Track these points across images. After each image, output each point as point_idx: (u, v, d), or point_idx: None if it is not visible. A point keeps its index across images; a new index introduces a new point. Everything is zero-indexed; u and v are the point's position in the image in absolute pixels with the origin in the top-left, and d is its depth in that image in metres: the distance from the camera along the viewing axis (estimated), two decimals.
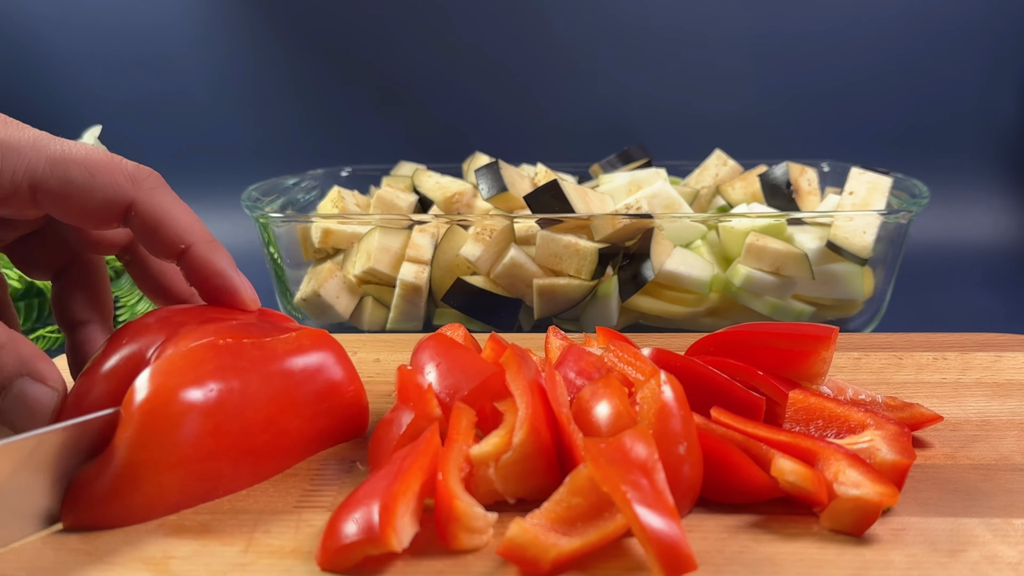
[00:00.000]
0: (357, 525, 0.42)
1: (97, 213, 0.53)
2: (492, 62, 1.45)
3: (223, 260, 0.55)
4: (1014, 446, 0.55)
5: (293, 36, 1.47)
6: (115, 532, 0.46)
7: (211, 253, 0.55)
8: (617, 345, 0.57)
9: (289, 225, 0.93)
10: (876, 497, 0.44)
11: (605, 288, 0.86)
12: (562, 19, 1.43)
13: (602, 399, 0.50)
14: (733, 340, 0.60)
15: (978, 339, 0.74)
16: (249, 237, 1.30)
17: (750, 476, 0.47)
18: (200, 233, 0.55)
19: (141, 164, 0.56)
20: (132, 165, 0.54)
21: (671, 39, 1.43)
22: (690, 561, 0.39)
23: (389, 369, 0.71)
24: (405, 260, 0.89)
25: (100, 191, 0.52)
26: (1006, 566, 0.42)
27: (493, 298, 0.87)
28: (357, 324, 0.93)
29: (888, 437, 0.50)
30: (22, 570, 0.43)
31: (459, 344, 0.59)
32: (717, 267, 0.89)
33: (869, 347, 0.73)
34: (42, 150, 0.51)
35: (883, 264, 0.89)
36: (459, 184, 1.00)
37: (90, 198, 0.52)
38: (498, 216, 0.88)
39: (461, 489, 0.45)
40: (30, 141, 0.51)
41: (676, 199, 0.93)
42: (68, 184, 0.51)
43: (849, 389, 0.58)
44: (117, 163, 0.53)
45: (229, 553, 0.44)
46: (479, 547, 0.44)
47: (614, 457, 0.43)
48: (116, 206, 0.53)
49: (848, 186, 0.91)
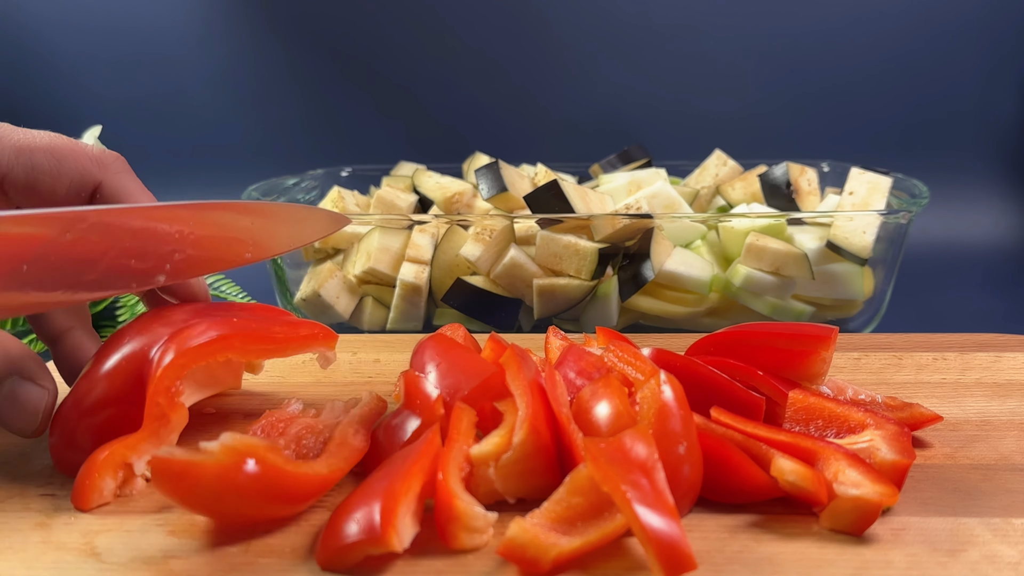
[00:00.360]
0: (358, 525, 0.42)
1: (66, 197, 0.53)
2: (492, 62, 1.45)
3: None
4: (1014, 446, 0.55)
5: (293, 36, 1.47)
6: (115, 532, 0.47)
7: None
8: (617, 345, 0.57)
9: None
10: (876, 497, 0.44)
11: (605, 288, 0.86)
12: (562, 19, 1.43)
13: (602, 399, 0.50)
14: (733, 340, 0.60)
15: (978, 339, 0.74)
16: None
17: (750, 476, 0.47)
18: None
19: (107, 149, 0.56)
20: (97, 150, 0.55)
21: (671, 39, 1.43)
22: (690, 561, 0.39)
23: (389, 369, 0.71)
24: (405, 260, 0.89)
25: (67, 176, 0.53)
26: (1006, 566, 0.42)
27: (493, 298, 0.87)
28: (357, 324, 0.93)
29: (888, 437, 0.50)
30: (22, 570, 0.43)
31: (459, 344, 0.59)
32: (717, 267, 0.89)
33: (869, 347, 0.73)
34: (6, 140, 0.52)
35: (883, 264, 0.89)
36: (459, 184, 1.00)
37: (58, 183, 0.53)
38: (498, 216, 0.88)
39: (461, 489, 0.45)
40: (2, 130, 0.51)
41: (676, 199, 0.93)
42: (34, 171, 0.52)
43: (849, 389, 0.58)
44: (81, 148, 0.54)
45: (229, 553, 0.44)
46: (479, 547, 0.44)
47: (614, 457, 0.43)
48: (84, 189, 0.54)
49: (848, 186, 0.91)
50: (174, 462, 0.42)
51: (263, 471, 0.44)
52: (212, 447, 0.43)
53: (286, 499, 0.46)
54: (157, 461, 0.42)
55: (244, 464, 0.43)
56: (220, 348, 0.52)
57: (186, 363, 0.50)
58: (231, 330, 0.53)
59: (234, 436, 0.44)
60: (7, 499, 0.50)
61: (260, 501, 0.44)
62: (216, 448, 0.43)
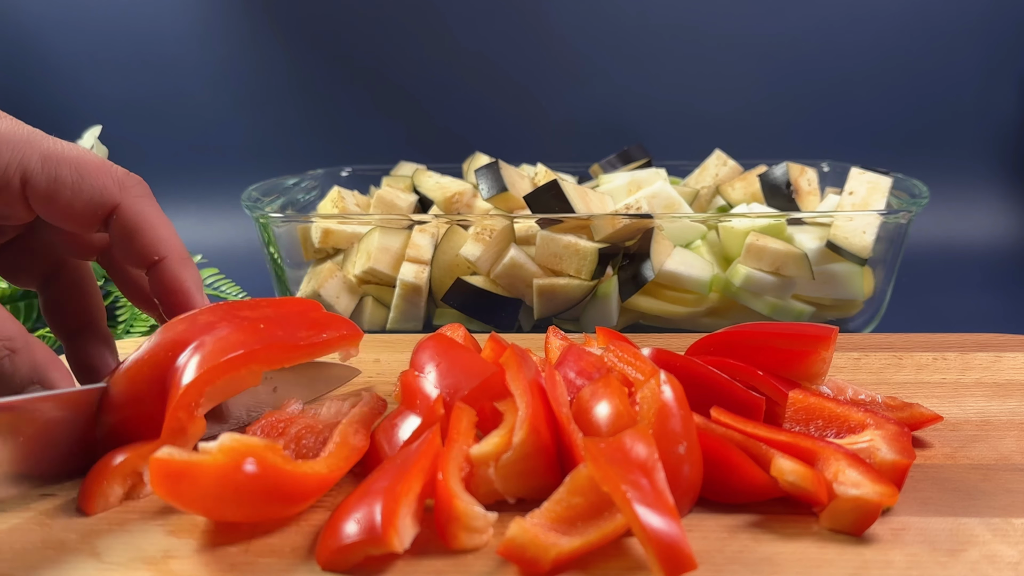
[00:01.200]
0: (359, 525, 0.42)
1: (82, 213, 0.53)
2: (492, 62, 1.45)
3: (191, 279, 0.56)
4: (1014, 446, 0.55)
5: (293, 37, 1.47)
6: (115, 532, 0.47)
7: (181, 270, 0.55)
8: (617, 345, 0.57)
9: (289, 225, 0.93)
10: (876, 497, 0.44)
11: (605, 288, 0.86)
12: (562, 19, 1.43)
13: (602, 399, 0.50)
14: (733, 340, 0.60)
15: (978, 339, 0.74)
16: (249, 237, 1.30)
17: (750, 476, 0.47)
18: (175, 248, 0.55)
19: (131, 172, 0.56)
20: (122, 171, 0.55)
21: (671, 39, 1.43)
22: (690, 561, 0.39)
23: (389, 369, 0.71)
24: (405, 260, 0.89)
25: (88, 192, 0.53)
26: (1006, 566, 0.42)
27: (493, 298, 0.87)
28: (357, 324, 0.93)
29: (888, 437, 0.50)
30: (22, 570, 0.43)
31: (459, 344, 0.59)
32: (717, 267, 0.89)
33: (869, 347, 0.73)
34: (36, 146, 0.52)
35: (883, 264, 0.89)
36: (459, 184, 1.00)
37: (77, 197, 0.53)
38: (498, 216, 0.88)
39: (461, 489, 0.45)
40: (24, 136, 0.52)
41: (676, 199, 0.93)
42: (57, 182, 0.52)
43: (849, 389, 0.58)
44: (107, 167, 0.54)
45: (229, 553, 0.44)
46: (479, 547, 0.44)
47: (614, 457, 0.43)
48: (101, 208, 0.53)
49: (848, 186, 0.91)
50: (172, 463, 0.42)
51: (262, 471, 0.44)
52: (211, 448, 0.43)
53: (285, 499, 0.45)
54: (156, 463, 0.42)
55: (243, 464, 0.43)
56: (245, 362, 0.50)
57: (210, 379, 0.49)
58: (257, 342, 0.51)
59: (233, 436, 0.44)
60: (7, 499, 0.50)
61: (259, 501, 0.44)
62: (215, 449, 0.43)
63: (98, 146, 0.91)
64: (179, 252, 0.56)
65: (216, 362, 0.49)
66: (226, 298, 0.98)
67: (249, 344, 0.50)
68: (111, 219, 0.54)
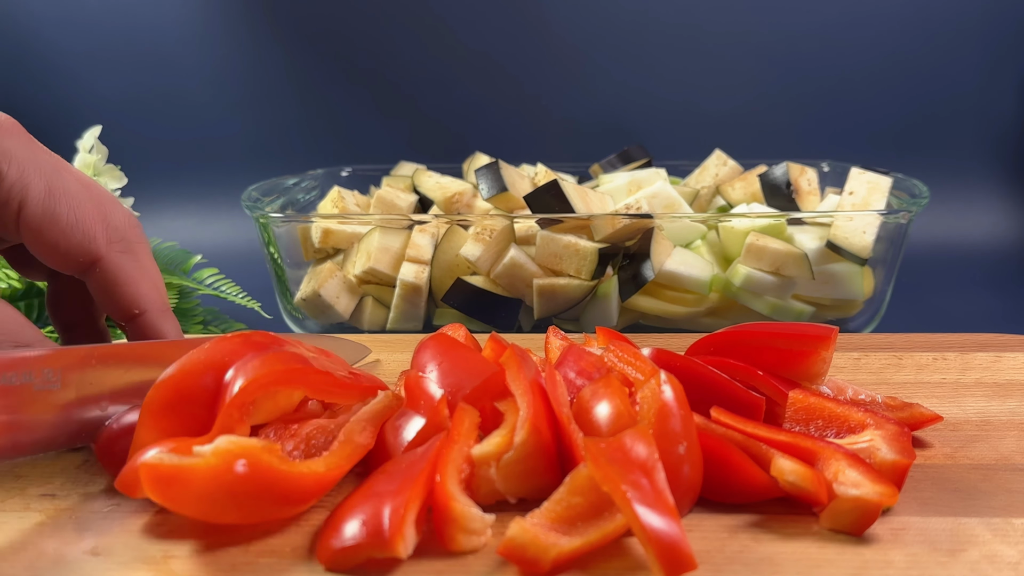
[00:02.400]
0: (365, 528, 0.42)
1: (64, 256, 0.54)
2: (492, 62, 1.45)
3: (171, 333, 0.57)
4: (1014, 446, 0.55)
5: (293, 36, 1.47)
6: (115, 532, 0.46)
7: (161, 323, 0.56)
8: (617, 345, 0.57)
9: (289, 225, 0.93)
10: (876, 497, 0.44)
11: (605, 288, 0.86)
12: (562, 19, 1.43)
13: (602, 399, 0.50)
14: (733, 340, 0.60)
15: (978, 339, 0.74)
16: (249, 237, 1.30)
17: (750, 476, 0.47)
18: (155, 302, 0.56)
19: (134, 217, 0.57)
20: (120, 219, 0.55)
21: (671, 39, 1.43)
22: (690, 561, 0.39)
23: (390, 369, 0.71)
24: (405, 260, 0.89)
25: (76, 238, 0.53)
26: (1006, 566, 0.43)
27: (493, 298, 0.87)
28: (357, 324, 0.93)
29: (888, 437, 0.50)
30: (22, 570, 0.43)
31: (460, 344, 0.59)
32: (717, 267, 0.89)
33: (869, 347, 0.73)
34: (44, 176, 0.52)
35: (883, 264, 0.89)
36: (459, 184, 1.00)
37: (64, 240, 0.53)
38: (498, 216, 0.88)
39: (459, 491, 0.45)
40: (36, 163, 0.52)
41: (676, 199, 0.93)
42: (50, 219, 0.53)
43: (849, 389, 0.58)
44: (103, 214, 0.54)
45: (229, 553, 0.44)
46: (477, 548, 0.44)
47: (614, 457, 0.43)
48: (84, 256, 0.54)
49: (848, 186, 0.91)
50: (163, 467, 0.42)
51: (254, 472, 0.43)
52: (204, 450, 0.43)
53: (282, 499, 0.45)
54: (145, 467, 0.42)
55: (235, 466, 0.43)
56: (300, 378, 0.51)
57: (270, 383, 0.49)
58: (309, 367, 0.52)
59: (229, 438, 0.43)
60: (7, 499, 0.50)
61: (254, 502, 0.44)
62: (208, 451, 0.43)
63: (98, 146, 0.91)
64: (158, 306, 0.56)
65: (273, 369, 0.49)
66: (227, 298, 0.98)
67: (306, 367, 0.51)
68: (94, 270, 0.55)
